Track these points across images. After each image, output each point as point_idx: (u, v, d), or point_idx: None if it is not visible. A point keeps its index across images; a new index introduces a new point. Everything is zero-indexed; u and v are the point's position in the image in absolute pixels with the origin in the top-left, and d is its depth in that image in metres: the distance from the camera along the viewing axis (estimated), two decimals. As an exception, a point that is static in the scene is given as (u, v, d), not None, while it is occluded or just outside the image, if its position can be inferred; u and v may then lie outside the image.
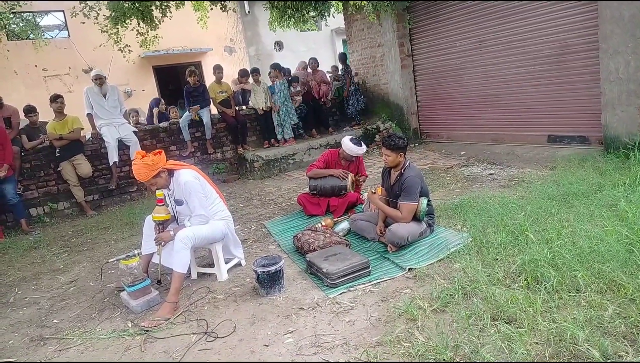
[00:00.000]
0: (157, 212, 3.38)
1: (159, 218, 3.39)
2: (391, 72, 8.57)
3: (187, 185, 3.33)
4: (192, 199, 3.35)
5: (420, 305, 2.73)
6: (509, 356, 2.13)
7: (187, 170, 3.47)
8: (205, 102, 7.59)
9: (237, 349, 2.61)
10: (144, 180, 3.29)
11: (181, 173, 3.40)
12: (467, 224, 3.94)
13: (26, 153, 6.32)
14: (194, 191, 3.35)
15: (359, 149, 4.90)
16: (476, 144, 7.40)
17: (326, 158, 5.16)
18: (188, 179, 3.36)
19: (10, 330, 3.25)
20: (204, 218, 3.40)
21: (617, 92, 5.24)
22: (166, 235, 3.37)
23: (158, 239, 3.38)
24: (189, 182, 3.34)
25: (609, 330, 2.22)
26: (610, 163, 4.96)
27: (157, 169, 3.27)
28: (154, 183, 3.32)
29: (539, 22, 6.12)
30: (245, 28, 15.30)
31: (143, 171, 3.24)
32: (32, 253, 5.03)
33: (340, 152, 5.03)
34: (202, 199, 3.40)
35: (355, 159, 5.07)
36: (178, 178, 3.39)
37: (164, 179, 3.36)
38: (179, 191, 3.40)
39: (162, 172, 3.33)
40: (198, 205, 3.36)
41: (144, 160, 3.25)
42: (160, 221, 3.41)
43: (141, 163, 3.24)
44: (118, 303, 3.42)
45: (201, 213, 3.37)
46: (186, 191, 3.34)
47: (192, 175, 3.42)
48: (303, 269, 3.61)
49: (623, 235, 3.04)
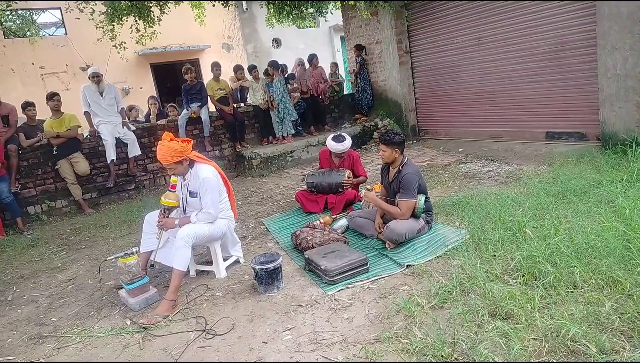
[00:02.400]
0: (167, 197, 3.41)
1: (168, 203, 3.41)
2: (389, 69, 8.56)
3: (205, 181, 3.37)
4: (206, 196, 3.38)
5: (418, 301, 2.74)
6: (506, 352, 2.14)
7: (209, 166, 3.51)
8: (203, 100, 7.57)
9: (236, 346, 2.62)
10: (165, 163, 3.35)
11: (202, 168, 3.45)
12: (465, 221, 3.95)
13: (23, 151, 6.30)
14: (211, 189, 3.39)
15: (341, 145, 4.95)
16: (474, 141, 7.40)
17: (320, 157, 5.23)
18: (208, 175, 3.40)
19: (8, 328, 3.25)
20: (212, 217, 3.42)
21: (615, 89, 5.24)
22: (170, 222, 3.39)
23: (162, 224, 3.39)
24: (208, 178, 3.39)
25: (606, 326, 2.23)
26: (607, 159, 4.96)
27: (182, 156, 3.34)
28: (174, 168, 3.37)
29: (537, 19, 6.12)
30: (243, 25, 15.25)
31: (168, 154, 3.29)
32: (30, 251, 5.02)
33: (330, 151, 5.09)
34: (215, 198, 3.43)
35: (347, 156, 5.08)
36: (198, 171, 3.43)
37: (183, 168, 3.42)
38: (196, 184, 3.44)
39: (184, 160, 3.39)
40: (210, 203, 3.39)
41: (172, 144, 3.30)
42: (167, 207, 3.44)
43: (168, 146, 3.29)
44: (116, 301, 3.42)
45: (211, 211, 3.40)
46: (203, 186, 3.38)
47: (212, 172, 3.47)
48: (301, 266, 3.62)
49: (620, 231, 3.05)
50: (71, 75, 12.85)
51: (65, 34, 12.92)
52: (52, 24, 13.44)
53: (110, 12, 7.32)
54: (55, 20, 13.27)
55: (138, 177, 7.23)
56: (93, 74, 6.70)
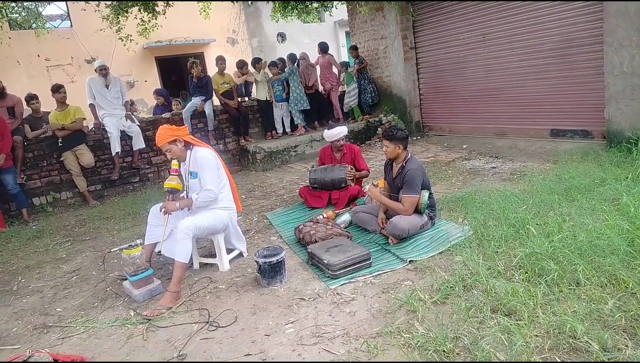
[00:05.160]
0: (169, 180, 3.50)
1: (171, 185, 3.49)
2: (394, 65, 8.54)
3: (202, 159, 3.50)
4: (204, 173, 3.48)
5: (421, 296, 2.75)
6: (508, 348, 2.15)
7: (207, 148, 3.63)
8: (208, 94, 7.58)
9: (239, 338, 2.64)
10: (159, 143, 3.49)
11: (199, 149, 3.59)
12: (468, 217, 3.95)
13: (29, 143, 6.33)
14: (208, 166, 3.49)
15: (334, 130, 5.00)
16: (478, 137, 7.38)
17: (320, 154, 5.22)
18: (205, 154, 3.53)
19: (13, 317, 3.28)
20: (213, 193, 3.47)
21: (621, 86, 5.21)
22: (172, 205, 3.44)
23: (164, 207, 3.43)
24: (205, 157, 3.52)
25: (608, 324, 2.23)
26: (612, 157, 4.94)
27: (174, 136, 3.48)
28: (169, 149, 3.49)
29: (543, 16, 6.08)
30: (248, 19, 15.22)
31: (161, 135, 3.47)
32: (35, 242, 5.06)
33: (331, 145, 5.09)
34: (214, 175, 3.53)
35: (348, 150, 5.07)
36: (196, 153, 3.55)
37: (179, 149, 3.52)
38: (194, 165, 3.54)
39: (178, 141, 3.50)
40: (209, 180, 3.47)
41: (166, 125, 3.57)
42: (170, 189, 3.50)
43: (162, 128, 3.53)
44: (120, 292, 3.45)
45: (210, 188, 3.46)
46: (201, 165, 3.49)
47: (210, 153, 3.59)
48: (304, 260, 3.63)
49: (624, 229, 3.04)
50: (76, 67, 12.88)
51: (71, 26, 12.95)
52: (58, 16, 13.46)
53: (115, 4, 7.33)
54: (60, 12, 13.29)
55: (142, 170, 7.26)
56: (100, 67, 6.71)
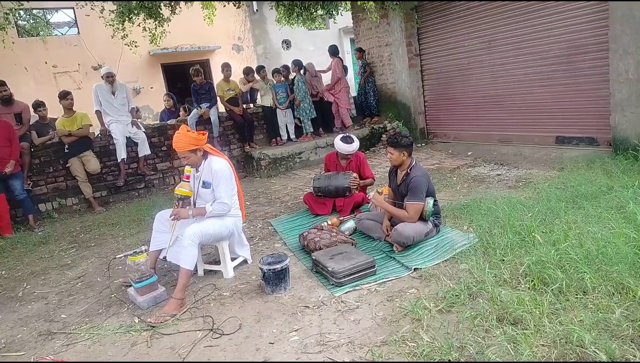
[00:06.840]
0: (181, 186, 3.50)
1: (182, 192, 3.48)
2: (399, 72, 8.55)
3: (219, 172, 3.46)
4: (220, 186, 3.46)
5: (426, 305, 2.73)
6: (514, 357, 2.13)
7: (222, 159, 3.60)
8: (212, 100, 7.62)
9: (243, 346, 2.63)
10: (179, 150, 3.44)
11: (215, 159, 3.55)
12: (473, 225, 3.93)
13: (35, 149, 6.37)
14: (224, 180, 3.47)
15: (349, 147, 4.94)
16: (483, 144, 7.36)
17: (326, 160, 5.22)
18: (222, 167, 3.50)
19: (19, 324, 3.29)
20: (227, 206, 3.49)
21: (627, 94, 5.19)
22: (184, 212, 3.44)
23: (175, 214, 3.43)
24: (222, 169, 3.48)
25: (616, 333, 2.20)
26: (618, 164, 4.92)
27: (196, 145, 3.44)
28: (187, 156, 3.46)
29: (549, 22, 6.08)
30: (253, 26, 15.32)
31: (183, 141, 3.40)
32: (40, 248, 5.08)
33: (338, 152, 5.07)
34: (229, 189, 3.52)
35: (354, 158, 5.07)
36: (211, 162, 3.51)
37: (197, 157, 3.50)
38: (209, 175, 3.51)
39: (198, 150, 3.47)
40: (224, 194, 3.46)
41: (189, 133, 3.47)
42: (181, 196, 3.50)
43: (184, 134, 3.43)
44: (125, 299, 3.45)
45: (226, 201, 3.46)
46: (217, 177, 3.46)
47: (226, 164, 3.56)
48: (309, 267, 3.62)
49: (631, 237, 3.02)
50: (83, 74, 12.99)
51: (78, 33, 13.07)
52: (65, 24, 13.59)
53: (120, 10, 7.38)
54: (68, 19, 13.42)
55: (148, 176, 7.29)
56: (107, 75, 6.77)
